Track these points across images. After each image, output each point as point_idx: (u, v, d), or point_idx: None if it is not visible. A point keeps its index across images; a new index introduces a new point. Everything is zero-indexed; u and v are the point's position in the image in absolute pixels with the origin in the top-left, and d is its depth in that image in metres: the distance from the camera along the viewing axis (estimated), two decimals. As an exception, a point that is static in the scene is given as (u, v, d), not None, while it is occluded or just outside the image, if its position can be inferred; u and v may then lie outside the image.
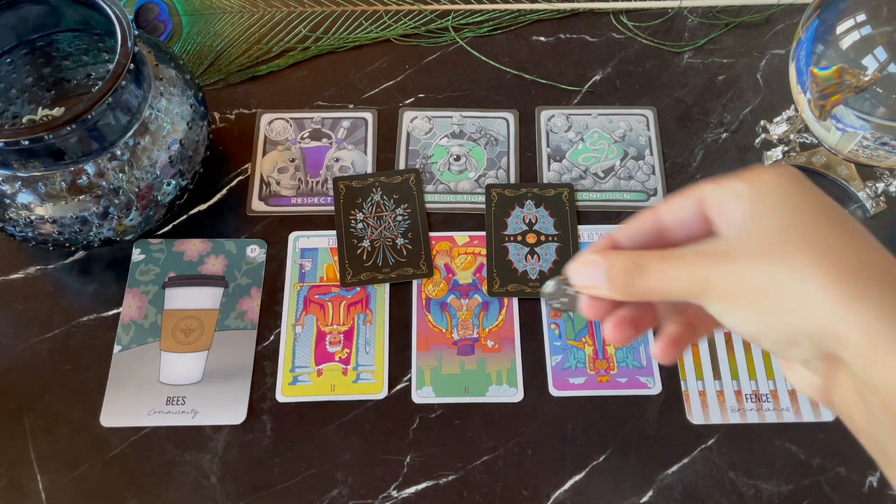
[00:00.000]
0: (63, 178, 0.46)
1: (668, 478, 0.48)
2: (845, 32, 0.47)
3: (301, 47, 0.65)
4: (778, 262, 0.28)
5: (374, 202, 0.57)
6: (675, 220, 0.32)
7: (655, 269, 0.30)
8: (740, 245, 0.29)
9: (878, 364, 0.26)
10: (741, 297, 0.28)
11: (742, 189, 0.30)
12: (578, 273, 0.32)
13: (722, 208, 0.31)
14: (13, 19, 0.52)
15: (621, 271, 0.31)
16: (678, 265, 0.30)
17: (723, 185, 0.30)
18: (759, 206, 0.29)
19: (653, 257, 0.30)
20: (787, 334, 0.28)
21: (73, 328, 0.53)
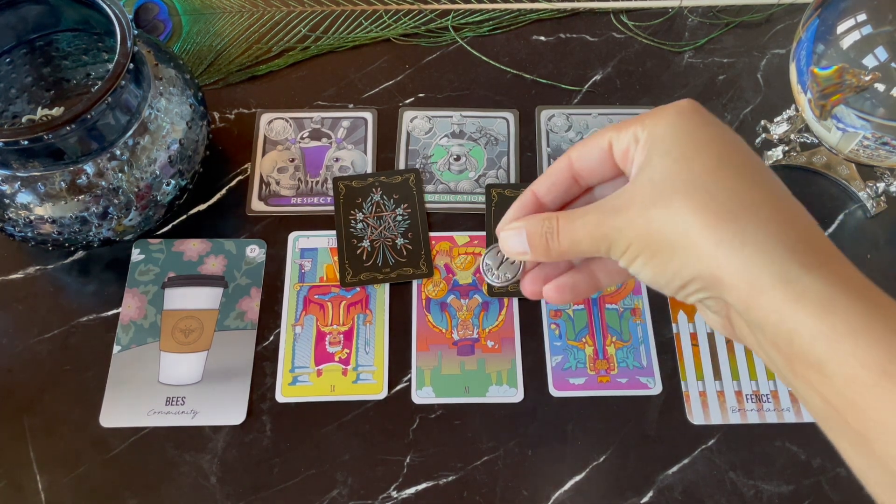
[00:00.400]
0: (62, 177, 0.46)
1: (668, 478, 0.48)
2: (846, 32, 0.47)
3: (301, 47, 0.65)
4: (661, 210, 0.28)
5: (374, 202, 0.57)
6: (585, 167, 0.33)
7: (565, 230, 0.31)
8: (633, 196, 0.30)
9: (757, 305, 0.27)
10: (634, 248, 0.29)
11: (639, 133, 0.31)
12: (507, 242, 0.33)
13: (624, 155, 0.31)
14: (13, 19, 0.52)
15: (538, 236, 0.32)
16: (582, 225, 0.31)
17: (623, 130, 0.31)
18: (651, 153, 0.30)
19: (563, 219, 0.32)
20: (678, 280, 0.29)
21: (73, 328, 0.52)
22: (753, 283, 0.27)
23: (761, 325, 0.27)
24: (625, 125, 0.31)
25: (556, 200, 0.34)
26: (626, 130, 0.31)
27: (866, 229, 0.56)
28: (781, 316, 0.26)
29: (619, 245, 0.30)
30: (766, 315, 0.27)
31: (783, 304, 0.26)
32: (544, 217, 0.32)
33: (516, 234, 0.33)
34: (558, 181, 0.34)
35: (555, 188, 0.34)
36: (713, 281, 0.28)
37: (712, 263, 0.27)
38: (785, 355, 0.27)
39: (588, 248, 0.31)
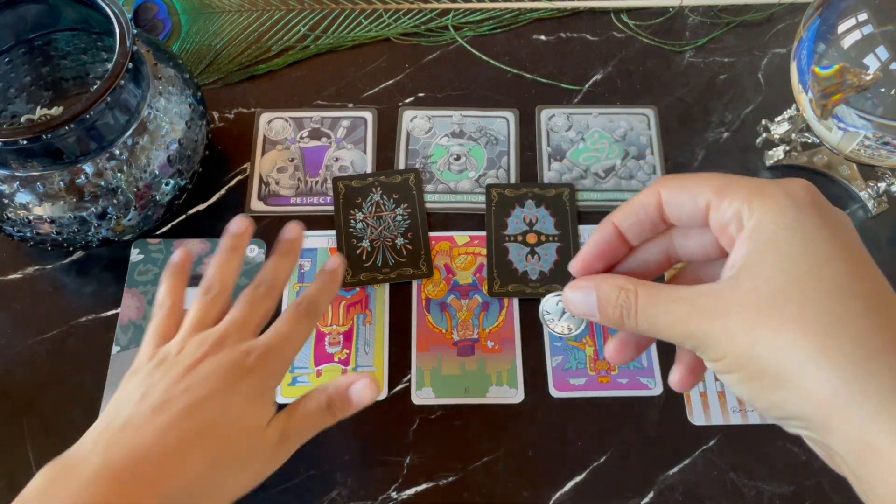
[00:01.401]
0: (61, 177, 0.46)
1: (668, 479, 0.48)
2: (847, 31, 0.47)
3: (300, 46, 0.65)
4: (769, 334, 0.25)
5: (374, 202, 0.57)
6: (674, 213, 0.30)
7: (645, 312, 0.28)
8: (733, 301, 0.26)
9: (871, 461, 0.24)
10: (729, 362, 0.26)
11: (745, 216, 0.27)
12: (573, 301, 0.31)
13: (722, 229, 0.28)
14: (11, 18, 0.52)
15: (610, 306, 0.29)
16: (665, 313, 0.28)
17: (725, 199, 0.27)
18: (758, 255, 0.26)
19: (643, 297, 0.28)
20: (779, 412, 0.26)
21: (72, 329, 0.52)
22: (872, 441, 0.23)
23: (872, 482, 0.24)
24: (727, 190, 0.27)
25: (638, 237, 0.31)
26: (728, 200, 0.27)
27: (867, 229, 0.56)
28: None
29: (710, 351, 0.27)
30: (883, 474, 0.23)
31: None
32: (620, 285, 0.29)
33: (584, 297, 0.30)
34: (644, 219, 0.30)
35: (639, 226, 0.31)
36: (822, 426, 0.25)
37: (824, 409, 0.24)
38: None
39: (669, 338, 0.28)
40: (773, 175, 0.59)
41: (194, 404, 0.36)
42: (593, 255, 0.32)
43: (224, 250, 0.45)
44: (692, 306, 0.27)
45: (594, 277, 0.30)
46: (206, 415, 0.36)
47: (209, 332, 0.40)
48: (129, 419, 0.36)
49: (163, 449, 0.34)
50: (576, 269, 0.32)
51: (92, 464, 0.34)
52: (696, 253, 0.31)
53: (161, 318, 0.42)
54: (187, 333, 0.40)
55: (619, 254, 0.32)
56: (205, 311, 0.42)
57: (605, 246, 0.31)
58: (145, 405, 0.36)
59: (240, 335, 0.40)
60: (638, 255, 0.32)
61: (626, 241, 0.32)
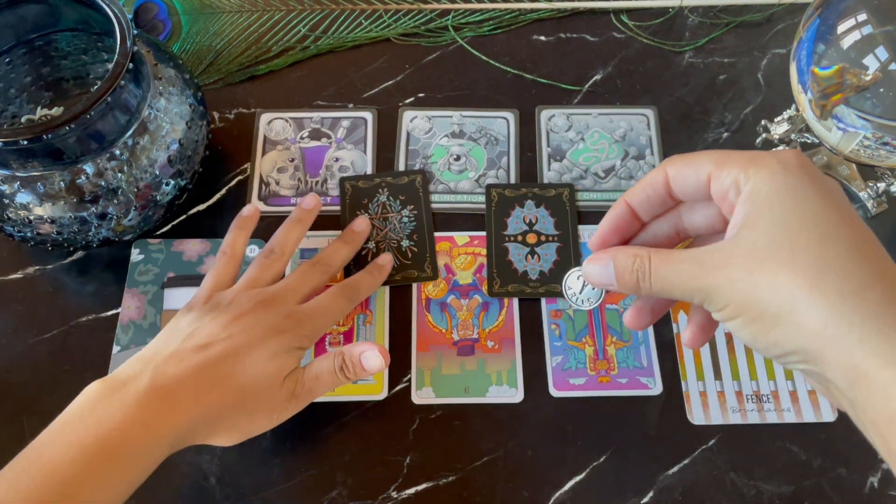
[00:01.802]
0: (62, 177, 0.46)
1: (668, 478, 0.48)
2: (846, 32, 0.47)
3: (300, 47, 0.65)
4: (766, 278, 0.28)
5: (381, 203, 0.57)
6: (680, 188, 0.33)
7: (658, 273, 0.31)
8: (734, 254, 0.29)
9: (861, 385, 0.27)
10: (733, 308, 0.29)
11: (741, 182, 0.30)
12: (592, 272, 0.34)
13: (722, 197, 0.31)
14: (12, 19, 0.52)
15: (627, 272, 0.32)
16: (676, 273, 0.31)
17: (724, 169, 0.30)
18: (755, 214, 0.29)
19: (656, 261, 0.31)
20: (779, 349, 0.29)
21: (72, 328, 0.52)
22: (859, 365, 0.27)
23: (863, 404, 0.27)
24: (726, 161, 0.31)
25: (649, 213, 0.35)
26: (726, 171, 0.30)
27: (867, 229, 0.56)
28: (887, 396, 0.26)
29: (716, 301, 0.30)
30: (870, 395, 0.27)
31: (890, 385, 0.26)
32: (634, 253, 0.32)
33: (603, 266, 0.33)
34: (653, 196, 0.34)
35: (649, 202, 0.34)
36: (816, 356, 0.28)
37: (817, 340, 0.27)
38: (884, 436, 0.27)
39: (681, 296, 0.31)
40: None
41: (230, 351, 0.41)
42: (609, 230, 0.35)
43: (292, 220, 0.51)
44: (699, 263, 0.30)
45: (610, 249, 0.33)
46: (236, 362, 0.41)
47: (261, 290, 0.46)
48: (175, 352, 0.41)
49: (196, 382, 0.40)
50: (593, 245, 0.35)
51: (140, 384, 0.39)
52: (702, 226, 0.34)
53: (222, 266, 0.48)
54: (242, 288, 0.46)
55: (633, 229, 0.35)
56: (261, 271, 0.47)
57: (619, 222, 0.35)
58: (191, 343, 0.42)
59: (286, 300, 0.45)
60: (649, 231, 0.36)
61: (637, 218, 0.35)
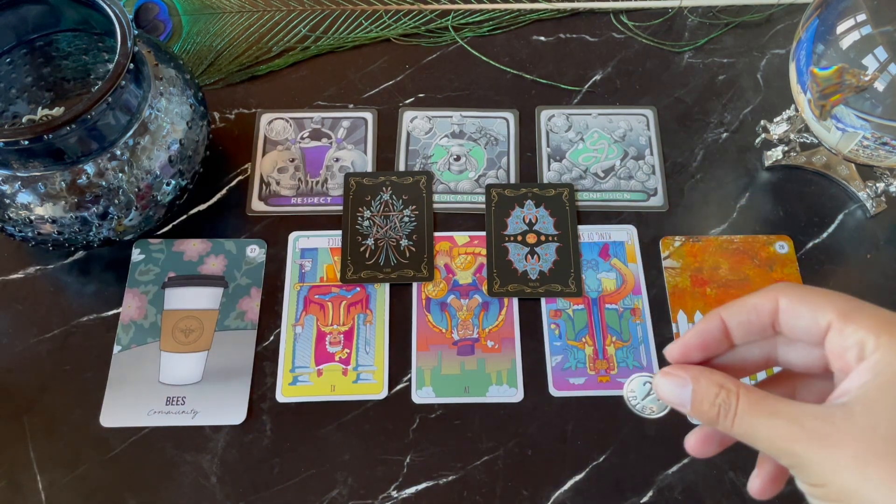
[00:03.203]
0: (63, 178, 0.46)
1: (668, 478, 0.48)
2: (845, 32, 0.47)
3: (301, 47, 0.65)
4: (881, 478, 0.24)
5: (383, 201, 0.57)
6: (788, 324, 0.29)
7: (745, 418, 0.27)
8: (845, 432, 0.25)
9: None
10: (832, 492, 0.25)
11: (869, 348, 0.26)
12: (664, 388, 0.30)
13: (839, 355, 0.27)
14: (13, 19, 0.52)
15: (707, 403, 0.28)
16: (769, 426, 0.27)
17: (848, 324, 0.26)
18: (880, 387, 0.25)
19: (745, 402, 0.27)
20: None
21: (73, 328, 0.52)
22: None
23: None
24: (853, 316, 0.27)
25: (744, 337, 0.30)
26: (852, 328, 0.26)
27: (866, 229, 0.56)
28: None
29: (810, 476, 0.26)
30: None
31: None
32: (720, 383, 0.28)
33: (679, 386, 0.29)
34: (755, 321, 0.30)
35: (749, 326, 0.30)
36: None
37: None
38: None
39: (765, 450, 0.27)
40: (772, 175, 0.59)
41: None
42: (695, 344, 0.31)
43: None
44: (799, 426, 0.26)
45: (691, 368, 0.30)
46: None
47: None
48: None
49: None
50: (673, 356, 0.31)
51: None
52: (799, 365, 0.31)
53: None
54: None
55: (720, 349, 0.31)
56: None
57: (708, 338, 0.30)
58: None
59: None
60: (737, 352, 0.31)
61: (729, 338, 0.31)
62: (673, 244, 0.56)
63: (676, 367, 0.30)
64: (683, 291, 0.54)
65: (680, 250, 0.55)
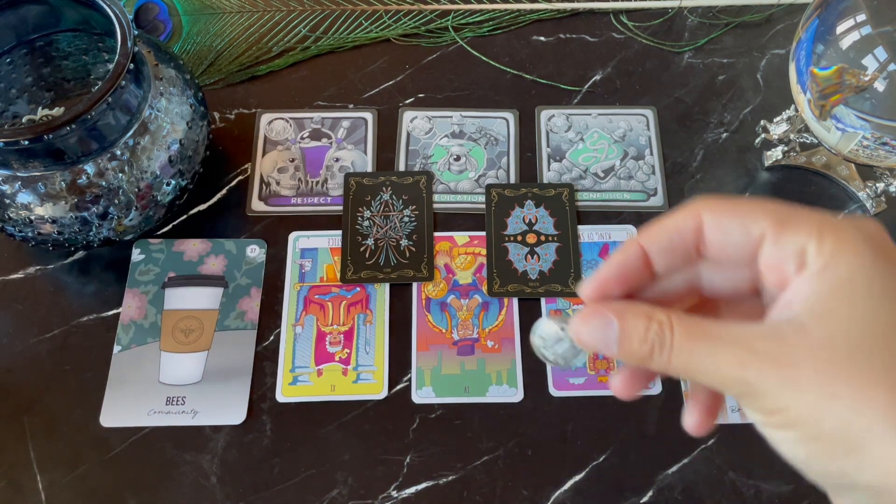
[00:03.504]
0: (63, 178, 0.46)
1: (668, 478, 0.48)
2: (845, 32, 0.47)
3: (301, 47, 0.65)
4: (850, 393, 0.22)
5: (383, 201, 0.57)
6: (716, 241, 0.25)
7: (683, 350, 0.24)
8: (802, 349, 0.22)
9: None
10: (790, 418, 0.23)
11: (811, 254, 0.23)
12: (585, 332, 0.26)
13: (775, 268, 0.24)
14: (13, 19, 0.52)
15: (638, 339, 0.24)
16: (712, 354, 0.23)
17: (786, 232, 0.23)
18: (832, 294, 0.23)
19: (680, 332, 0.24)
20: (843, 479, 0.23)
21: (73, 328, 0.52)
22: None
23: None
24: (790, 223, 0.23)
25: (666, 265, 0.27)
26: (790, 235, 0.23)
27: (866, 229, 0.56)
28: None
29: (765, 402, 0.23)
30: None
31: None
32: (648, 314, 0.24)
33: (601, 326, 0.25)
34: (678, 245, 0.26)
35: (671, 252, 0.26)
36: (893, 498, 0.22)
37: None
38: None
39: (709, 382, 0.24)
40: (772, 175, 0.59)
41: None
42: (612, 277, 0.27)
43: None
44: (747, 350, 0.23)
45: (612, 304, 0.26)
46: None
47: None
48: None
49: None
50: (588, 294, 0.27)
51: None
52: (726, 290, 0.28)
53: None
54: None
55: (640, 282, 0.27)
56: None
57: (627, 269, 0.27)
58: None
59: None
60: (658, 285, 0.28)
61: (650, 269, 0.27)
62: (673, 244, 0.56)
63: (595, 305, 0.26)
64: (683, 291, 0.54)
65: (680, 250, 0.55)
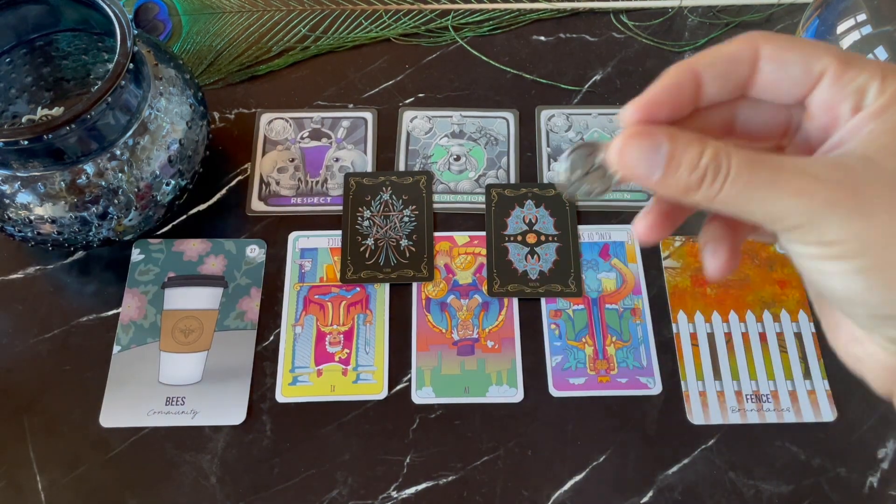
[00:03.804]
0: (62, 178, 0.46)
1: (668, 478, 0.48)
2: (846, 32, 0.47)
3: (301, 47, 0.65)
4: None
5: (383, 201, 0.57)
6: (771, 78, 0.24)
7: (741, 178, 0.22)
8: (872, 178, 0.22)
9: None
10: (855, 247, 0.22)
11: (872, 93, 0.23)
12: (629, 150, 0.23)
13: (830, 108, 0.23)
14: (13, 19, 0.52)
15: (689, 168, 0.23)
16: (779, 185, 0.22)
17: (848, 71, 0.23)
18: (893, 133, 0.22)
19: (740, 162, 0.22)
20: (893, 309, 0.22)
21: (73, 328, 0.52)
22: None
23: None
24: (853, 63, 0.23)
25: (716, 95, 0.25)
26: (854, 72, 0.23)
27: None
28: None
29: (827, 231, 0.22)
30: None
31: None
32: (703, 140, 0.23)
33: (649, 148, 0.23)
34: (732, 74, 0.24)
35: (724, 80, 0.25)
36: None
37: None
38: None
39: (761, 215, 0.23)
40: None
41: None
42: (663, 100, 0.24)
43: None
44: (813, 178, 0.22)
45: (662, 127, 0.24)
46: None
47: None
48: None
49: None
50: (632, 115, 0.24)
51: None
52: (759, 130, 0.26)
53: None
54: None
55: (687, 109, 0.25)
56: None
57: (678, 92, 0.25)
58: None
59: None
60: (696, 119, 0.26)
61: (699, 95, 0.25)
62: (673, 244, 0.56)
63: (641, 125, 0.24)
64: (684, 291, 0.54)
65: (680, 250, 0.55)
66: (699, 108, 0.26)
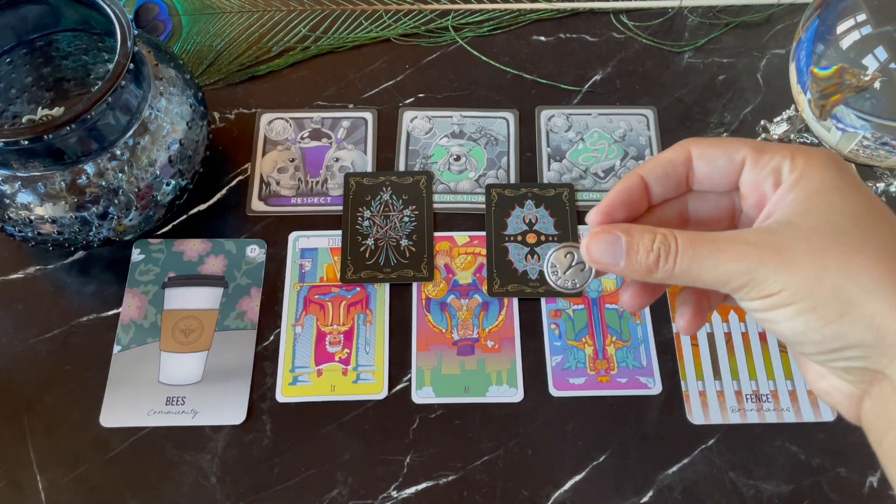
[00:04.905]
0: (63, 178, 0.46)
1: (668, 478, 0.48)
2: (846, 32, 0.47)
3: (301, 47, 0.65)
4: (839, 263, 0.25)
5: (383, 201, 0.57)
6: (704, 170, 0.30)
7: (689, 254, 0.27)
8: (793, 237, 0.26)
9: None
10: (791, 294, 0.26)
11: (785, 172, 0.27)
12: (595, 248, 0.29)
13: (755, 186, 0.28)
14: (13, 19, 0.52)
15: (645, 252, 0.28)
16: (714, 252, 0.27)
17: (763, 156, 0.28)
18: (810, 198, 0.27)
19: (684, 240, 0.27)
20: (838, 342, 0.26)
21: (73, 328, 0.52)
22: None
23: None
24: (766, 149, 0.28)
25: (661, 194, 0.31)
26: (768, 157, 0.28)
27: (866, 229, 0.56)
28: None
29: (765, 286, 0.26)
30: None
31: None
32: (653, 230, 0.28)
33: (611, 241, 0.28)
34: (671, 175, 0.30)
35: (666, 181, 0.30)
36: (882, 349, 0.25)
37: (889, 333, 0.25)
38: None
39: (711, 280, 0.27)
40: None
41: None
42: (618, 203, 0.30)
43: None
44: (745, 244, 0.27)
45: (618, 224, 0.29)
46: None
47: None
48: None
49: None
50: (595, 219, 0.30)
51: None
52: (710, 216, 0.32)
53: None
54: None
55: (640, 208, 0.31)
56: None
57: (630, 195, 0.30)
58: None
59: None
60: (653, 215, 0.32)
61: (648, 197, 0.31)
62: (673, 244, 0.56)
63: (603, 226, 0.29)
64: (683, 291, 0.54)
65: (680, 250, 0.55)
66: (653, 206, 0.31)
